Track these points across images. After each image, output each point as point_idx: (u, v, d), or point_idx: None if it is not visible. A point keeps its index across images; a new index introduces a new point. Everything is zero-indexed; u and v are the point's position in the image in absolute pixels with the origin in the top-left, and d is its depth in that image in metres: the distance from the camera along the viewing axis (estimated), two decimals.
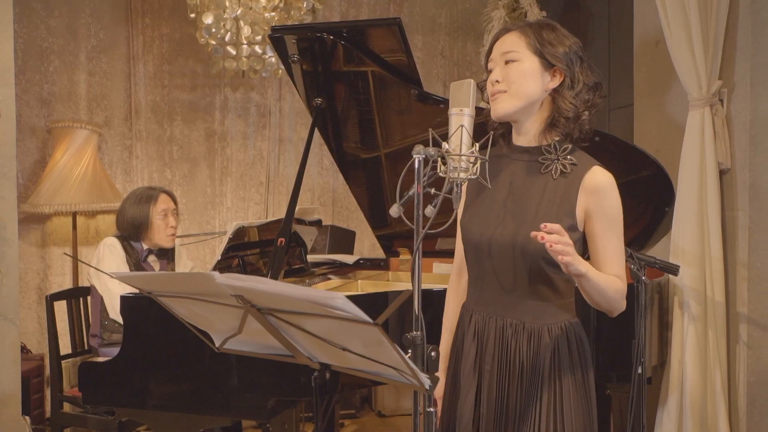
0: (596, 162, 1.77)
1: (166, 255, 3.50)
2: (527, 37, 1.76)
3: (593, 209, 1.73)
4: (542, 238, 1.52)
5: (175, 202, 3.51)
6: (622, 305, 1.74)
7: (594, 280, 1.64)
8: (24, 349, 4.32)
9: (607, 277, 1.70)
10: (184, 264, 3.63)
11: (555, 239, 1.52)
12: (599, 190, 1.72)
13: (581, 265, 1.59)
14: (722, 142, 3.07)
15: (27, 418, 3.60)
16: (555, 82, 1.76)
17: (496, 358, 1.80)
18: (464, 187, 1.91)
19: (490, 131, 1.82)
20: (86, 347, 3.61)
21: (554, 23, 1.81)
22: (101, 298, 3.31)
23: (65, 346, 3.59)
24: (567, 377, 1.75)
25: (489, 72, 1.82)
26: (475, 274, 1.88)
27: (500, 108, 1.77)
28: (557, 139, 1.78)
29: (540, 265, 1.73)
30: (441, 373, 1.97)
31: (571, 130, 1.76)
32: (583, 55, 1.78)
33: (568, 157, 1.76)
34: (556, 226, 1.54)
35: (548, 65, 1.75)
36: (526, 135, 1.81)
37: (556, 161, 1.76)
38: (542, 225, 1.53)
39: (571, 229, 1.72)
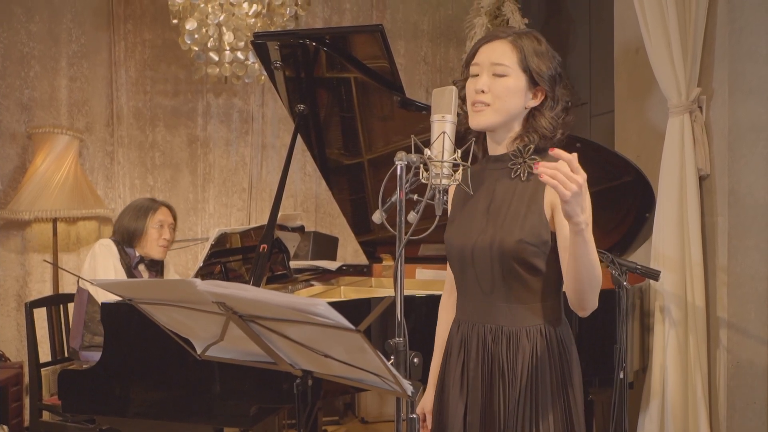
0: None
1: (156, 267, 3.48)
2: (519, 52, 1.76)
3: (558, 201, 1.71)
4: (541, 175, 1.48)
5: (175, 218, 3.51)
6: (596, 300, 1.69)
7: (590, 244, 1.57)
8: (2, 357, 4.28)
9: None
10: (171, 277, 3.60)
11: (548, 170, 1.47)
12: None
13: (584, 214, 1.52)
14: (701, 148, 3.11)
15: (5, 427, 3.56)
16: (536, 101, 1.79)
17: (479, 364, 1.81)
18: (450, 200, 1.92)
19: (470, 138, 1.84)
20: (66, 355, 3.58)
21: (540, 37, 1.82)
22: (87, 300, 3.29)
23: (45, 354, 3.56)
24: (546, 381, 1.75)
25: (470, 76, 1.82)
26: (459, 284, 1.89)
27: (482, 121, 1.78)
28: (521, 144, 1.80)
29: (513, 266, 1.74)
30: (430, 389, 1.97)
31: (541, 144, 1.79)
32: (563, 73, 1.81)
33: (534, 157, 1.78)
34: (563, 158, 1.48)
35: (533, 84, 1.77)
36: (499, 145, 1.84)
37: (522, 164, 1.79)
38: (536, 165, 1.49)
39: (542, 226, 1.74)
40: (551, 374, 1.76)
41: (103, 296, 3.23)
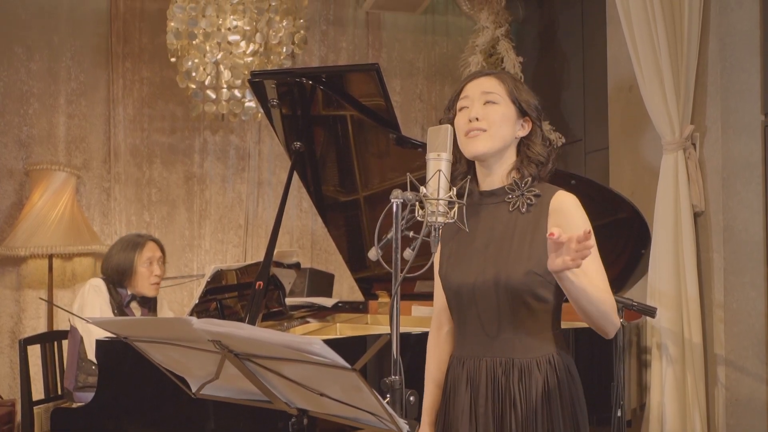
0: (559, 188, 1.83)
1: (149, 303, 3.46)
2: (506, 85, 1.84)
3: (563, 229, 1.74)
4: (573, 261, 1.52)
5: (163, 251, 3.48)
6: (615, 320, 1.73)
7: (576, 282, 1.62)
8: None
9: (590, 282, 1.68)
10: (165, 313, 3.58)
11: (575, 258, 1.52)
12: (564, 209, 1.78)
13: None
14: (696, 185, 3.13)
15: None
16: (524, 131, 1.85)
17: (489, 399, 1.80)
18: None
19: (464, 176, 1.85)
20: (60, 393, 3.54)
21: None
22: (80, 339, 3.26)
23: (38, 392, 3.52)
24: (558, 410, 1.76)
25: (458, 110, 1.85)
26: (461, 322, 1.88)
27: (479, 146, 1.80)
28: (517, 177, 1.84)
29: (523, 298, 1.76)
30: (426, 427, 1.94)
31: (537, 174, 1.83)
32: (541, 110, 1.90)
33: (532, 189, 1.81)
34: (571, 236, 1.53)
35: (521, 114, 1.84)
36: (493, 178, 1.86)
37: (520, 196, 1.81)
38: (550, 234, 1.52)
39: (546, 256, 1.74)
40: (562, 403, 1.77)
41: (88, 334, 3.21)
